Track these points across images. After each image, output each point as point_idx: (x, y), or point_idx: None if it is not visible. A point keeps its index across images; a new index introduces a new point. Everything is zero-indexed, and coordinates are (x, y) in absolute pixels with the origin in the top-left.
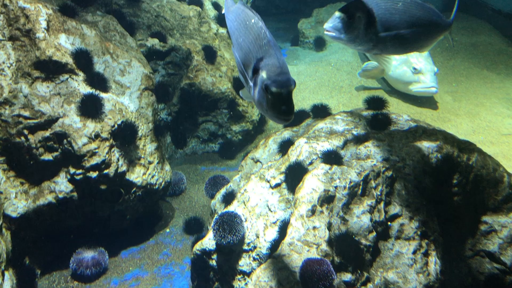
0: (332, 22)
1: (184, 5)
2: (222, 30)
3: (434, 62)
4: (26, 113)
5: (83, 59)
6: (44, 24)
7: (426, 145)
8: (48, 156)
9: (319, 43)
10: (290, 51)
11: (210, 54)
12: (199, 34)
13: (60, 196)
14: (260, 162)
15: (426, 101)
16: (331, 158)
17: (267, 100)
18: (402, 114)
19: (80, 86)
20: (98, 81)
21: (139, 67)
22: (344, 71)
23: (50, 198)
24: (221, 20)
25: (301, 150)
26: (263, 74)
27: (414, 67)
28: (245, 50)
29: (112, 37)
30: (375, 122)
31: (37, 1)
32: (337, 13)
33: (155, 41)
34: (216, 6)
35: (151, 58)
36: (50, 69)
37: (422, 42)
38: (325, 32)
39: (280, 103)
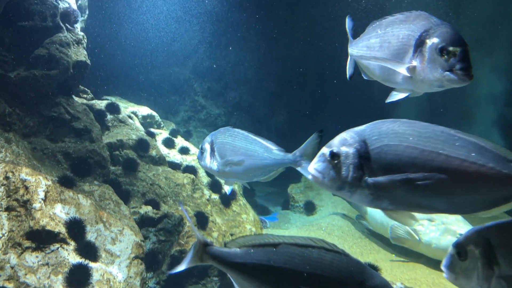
0: (198, 153)
1: (179, 173)
2: (214, 196)
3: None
4: (10, 286)
5: (75, 228)
6: (42, 195)
7: None
8: None
9: (309, 207)
10: (281, 215)
11: (202, 220)
12: (192, 200)
13: None
14: None
15: (421, 266)
16: None
17: None
18: (396, 282)
19: (70, 255)
20: (89, 250)
21: (130, 235)
22: (335, 235)
23: None
24: (213, 186)
25: None
26: None
27: (461, 234)
28: None
29: (106, 205)
30: None
31: (39, 173)
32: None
33: (149, 208)
34: (210, 174)
35: (144, 225)
36: (42, 239)
37: (257, 170)
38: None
39: None
